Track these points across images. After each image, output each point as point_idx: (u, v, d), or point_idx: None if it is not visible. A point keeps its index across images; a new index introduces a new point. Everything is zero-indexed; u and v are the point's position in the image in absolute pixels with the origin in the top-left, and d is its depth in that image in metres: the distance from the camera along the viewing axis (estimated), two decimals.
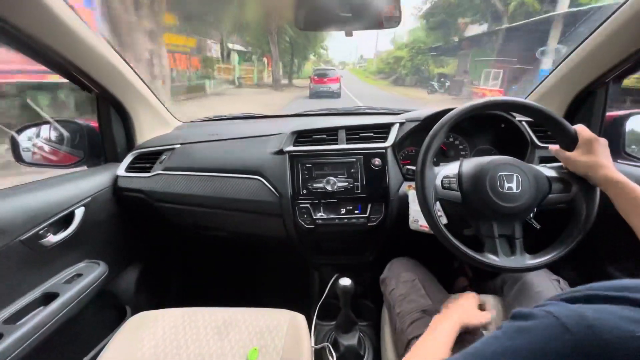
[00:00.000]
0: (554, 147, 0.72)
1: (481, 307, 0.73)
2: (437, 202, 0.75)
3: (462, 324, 0.64)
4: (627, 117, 0.97)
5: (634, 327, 0.25)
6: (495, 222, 0.70)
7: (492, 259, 0.68)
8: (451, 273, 1.35)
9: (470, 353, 0.33)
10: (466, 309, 0.68)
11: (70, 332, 0.81)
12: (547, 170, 0.72)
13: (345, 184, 0.99)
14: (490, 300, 0.87)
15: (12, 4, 0.65)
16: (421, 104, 12.09)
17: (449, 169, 0.74)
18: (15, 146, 0.99)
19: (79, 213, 0.89)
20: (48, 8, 0.71)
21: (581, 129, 0.67)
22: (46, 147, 1.06)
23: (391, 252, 1.01)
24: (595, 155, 0.64)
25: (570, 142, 0.67)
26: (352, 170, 1.00)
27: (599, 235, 0.79)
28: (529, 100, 0.71)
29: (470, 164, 0.72)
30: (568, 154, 0.67)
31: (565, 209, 0.73)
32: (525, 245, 0.71)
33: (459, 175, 0.71)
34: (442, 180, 0.73)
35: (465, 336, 0.65)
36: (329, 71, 14.71)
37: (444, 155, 1.12)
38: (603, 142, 0.65)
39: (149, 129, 1.21)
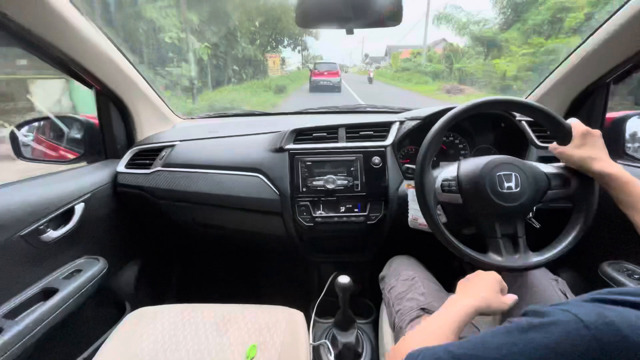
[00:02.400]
0: (552, 145, 0.72)
1: (502, 291, 0.61)
2: (438, 204, 0.75)
3: (480, 308, 0.53)
4: (627, 117, 0.97)
5: None
6: (497, 222, 0.70)
7: (496, 259, 0.68)
8: (450, 272, 1.35)
9: (479, 342, 0.33)
10: (488, 291, 0.56)
11: (69, 327, 0.82)
12: (545, 167, 0.72)
13: (345, 182, 0.99)
14: None
15: None
16: None
17: (448, 172, 0.74)
18: (15, 141, 0.99)
19: (79, 209, 0.89)
20: (48, 3, 0.71)
21: (575, 123, 0.67)
22: (46, 143, 1.06)
23: (390, 250, 1.02)
24: (589, 147, 0.64)
25: (564, 136, 0.68)
26: (352, 169, 1.00)
27: (597, 235, 0.80)
28: (524, 99, 0.71)
29: (468, 165, 0.72)
30: (563, 148, 0.68)
31: (563, 208, 0.73)
32: (528, 243, 0.72)
33: (458, 177, 0.72)
34: (441, 184, 0.73)
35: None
36: (329, 64, 14.92)
37: (444, 155, 1.12)
38: (597, 134, 0.65)
39: (149, 125, 1.21)
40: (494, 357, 0.30)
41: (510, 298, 0.58)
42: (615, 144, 0.96)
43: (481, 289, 0.56)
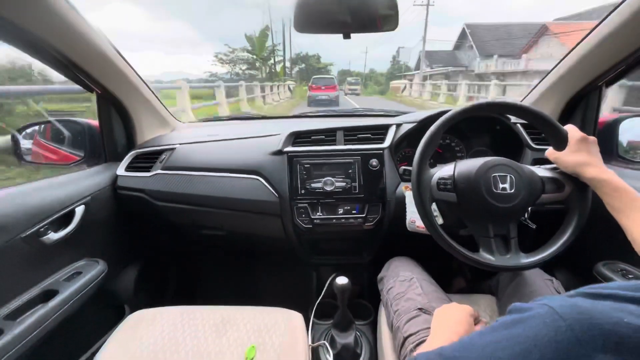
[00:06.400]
0: (548, 151, 0.73)
1: (475, 319, 0.64)
2: (434, 203, 0.76)
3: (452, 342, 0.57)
4: (620, 120, 0.99)
5: (622, 315, 0.27)
6: (490, 222, 0.71)
7: (487, 258, 0.69)
8: (449, 273, 1.36)
9: (466, 342, 0.35)
10: (462, 326, 0.59)
11: (69, 329, 0.82)
12: (541, 171, 0.73)
13: (343, 184, 1.00)
14: (484, 299, 0.89)
15: (13, 2, 0.66)
16: None
17: (444, 171, 0.75)
18: (16, 145, 1.00)
19: (79, 211, 0.90)
20: (50, 7, 0.71)
21: (571, 129, 0.68)
22: (47, 146, 1.06)
23: (388, 252, 1.02)
24: (584, 154, 0.65)
25: (561, 141, 0.69)
26: (350, 171, 1.01)
27: (592, 236, 0.80)
28: (521, 103, 0.72)
29: (464, 165, 0.73)
30: (558, 153, 0.69)
31: (560, 209, 0.74)
32: (522, 244, 0.72)
33: (454, 177, 0.73)
34: (437, 182, 0.74)
35: None
36: (327, 79, 15.10)
37: (440, 157, 1.14)
38: (592, 140, 0.66)
39: (149, 129, 1.22)
40: (481, 356, 0.32)
41: (481, 327, 0.61)
42: (609, 146, 0.97)
43: (456, 324, 0.59)
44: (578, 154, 0.66)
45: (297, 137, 1.06)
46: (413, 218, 0.93)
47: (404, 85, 21.48)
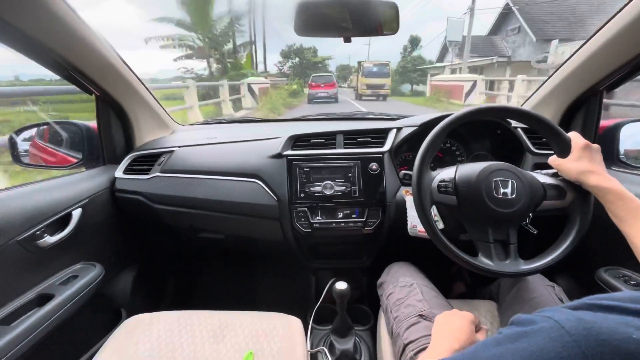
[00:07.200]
0: (551, 158, 0.72)
1: (476, 327, 0.63)
2: (434, 207, 0.76)
3: (454, 350, 0.54)
4: (621, 124, 0.99)
5: (631, 330, 0.26)
6: (490, 227, 0.71)
7: (486, 263, 0.69)
8: (450, 277, 1.35)
9: (469, 354, 0.34)
10: (464, 333, 0.58)
11: (64, 334, 0.81)
12: (542, 177, 0.72)
13: (343, 188, 0.99)
14: (485, 305, 0.88)
15: (12, 4, 0.65)
16: None
17: (445, 174, 0.75)
18: (13, 147, 0.99)
19: (76, 214, 0.89)
20: (49, 9, 0.71)
21: (574, 136, 0.68)
22: (45, 148, 1.06)
23: (388, 256, 1.02)
24: (587, 161, 0.65)
25: (564, 148, 0.68)
26: (350, 175, 1.01)
27: (594, 242, 0.80)
28: (525, 108, 0.72)
29: (466, 169, 0.73)
30: (561, 160, 0.68)
31: (561, 215, 0.73)
32: (523, 250, 0.72)
33: (455, 180, 0.72)
34: (438, 184, 0.73)
35: None
36: (325, 77, 15.25)
37: (441, 161, 1.13)
38: (596, 148, 0.66)
39: (148, 131, 1.21)
40: None
41: (482, 335, 0.61)
42: (610, 151, 0.97)
43: (457, 331, 0.58)
44: (581, 161, 0.65)
45: (296, 141, 1.06)
46: (414, 223, 0.92)
47: (470, 85, 11.62)
